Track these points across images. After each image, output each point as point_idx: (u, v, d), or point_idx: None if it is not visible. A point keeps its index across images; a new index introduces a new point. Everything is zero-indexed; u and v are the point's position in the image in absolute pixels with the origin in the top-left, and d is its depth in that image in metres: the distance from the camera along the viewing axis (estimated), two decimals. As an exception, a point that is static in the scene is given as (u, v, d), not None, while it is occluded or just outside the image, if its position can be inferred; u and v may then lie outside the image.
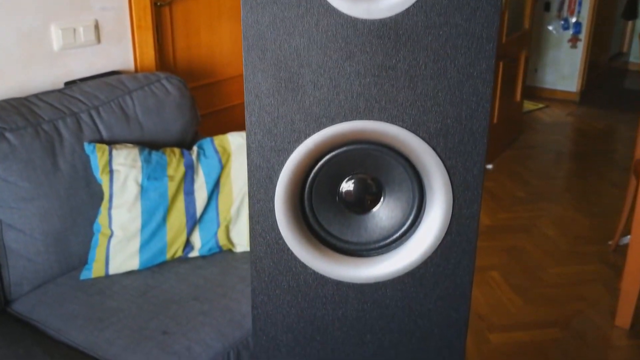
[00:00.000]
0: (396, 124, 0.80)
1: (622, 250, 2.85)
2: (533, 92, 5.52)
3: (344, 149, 0.81)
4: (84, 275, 1.69)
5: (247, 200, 1.87)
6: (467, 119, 0.80)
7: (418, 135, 0.80)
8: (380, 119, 0.80)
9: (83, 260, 1.72)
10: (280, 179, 0.82)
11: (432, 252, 0.85)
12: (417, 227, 0.85)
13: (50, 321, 1.55)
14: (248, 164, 0.82)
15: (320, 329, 0.89)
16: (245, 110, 0.80)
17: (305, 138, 0.80)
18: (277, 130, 0.80)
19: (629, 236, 2.87)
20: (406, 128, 0.80)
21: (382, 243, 0.86)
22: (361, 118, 0.80)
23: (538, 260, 2.82)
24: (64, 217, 1.67)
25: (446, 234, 0.84)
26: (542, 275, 2.69)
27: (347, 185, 0.84)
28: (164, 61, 2.30)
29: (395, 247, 0.86)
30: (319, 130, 0.80)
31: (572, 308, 2.46)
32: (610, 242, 2.95)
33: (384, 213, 0.86)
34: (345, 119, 0.80)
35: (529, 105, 5.22)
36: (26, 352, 1.43)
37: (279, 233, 0.84)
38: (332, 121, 0.80)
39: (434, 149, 0.80)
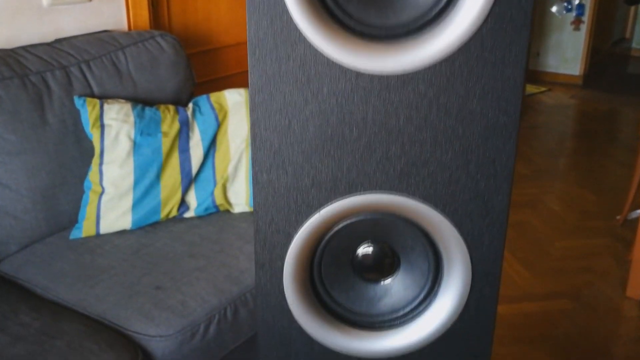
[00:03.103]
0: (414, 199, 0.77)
1: (631, 225, 2.78)
2: (535, 76, 5.44)
3: (355, 219, 0.79)
4: (74, 234, 1.61)
5: (244, 159, 1.80)
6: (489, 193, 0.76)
7: (439, 211, 0.78)
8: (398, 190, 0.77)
9: (73, 220, 1.64)
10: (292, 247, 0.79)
11: (448, 326, 0.82)
12: (433, 298, 0.82)
13: (38, 280, 1.47)
14: (255, 237, 0.80)
15: None
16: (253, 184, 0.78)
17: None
18: (283, 204, 0.78)
19: (638, 210, 2.81)
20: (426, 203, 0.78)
21: (395, 315, 0.84)
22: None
23: (545, 235, 2.74)
24: (53, 173, 1.59)
25: (462, 312, 0.81)
26: (550, 249, 2.62)
27: (363, 250, 0.82)
28: (159, 23, 2.22)
29: (409, 320, 0.84)
30: (330, 203, 0.78)
31: (581, 280, 2.38)
32: (618, 217, 2.87)
33: (399, 285, 0.83)
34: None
35: (531, 89, 5.14)
36: (11, 309, 1.35)
37: (291, 315, 0.82)
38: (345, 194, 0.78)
39: (457, 227, 0.78)
